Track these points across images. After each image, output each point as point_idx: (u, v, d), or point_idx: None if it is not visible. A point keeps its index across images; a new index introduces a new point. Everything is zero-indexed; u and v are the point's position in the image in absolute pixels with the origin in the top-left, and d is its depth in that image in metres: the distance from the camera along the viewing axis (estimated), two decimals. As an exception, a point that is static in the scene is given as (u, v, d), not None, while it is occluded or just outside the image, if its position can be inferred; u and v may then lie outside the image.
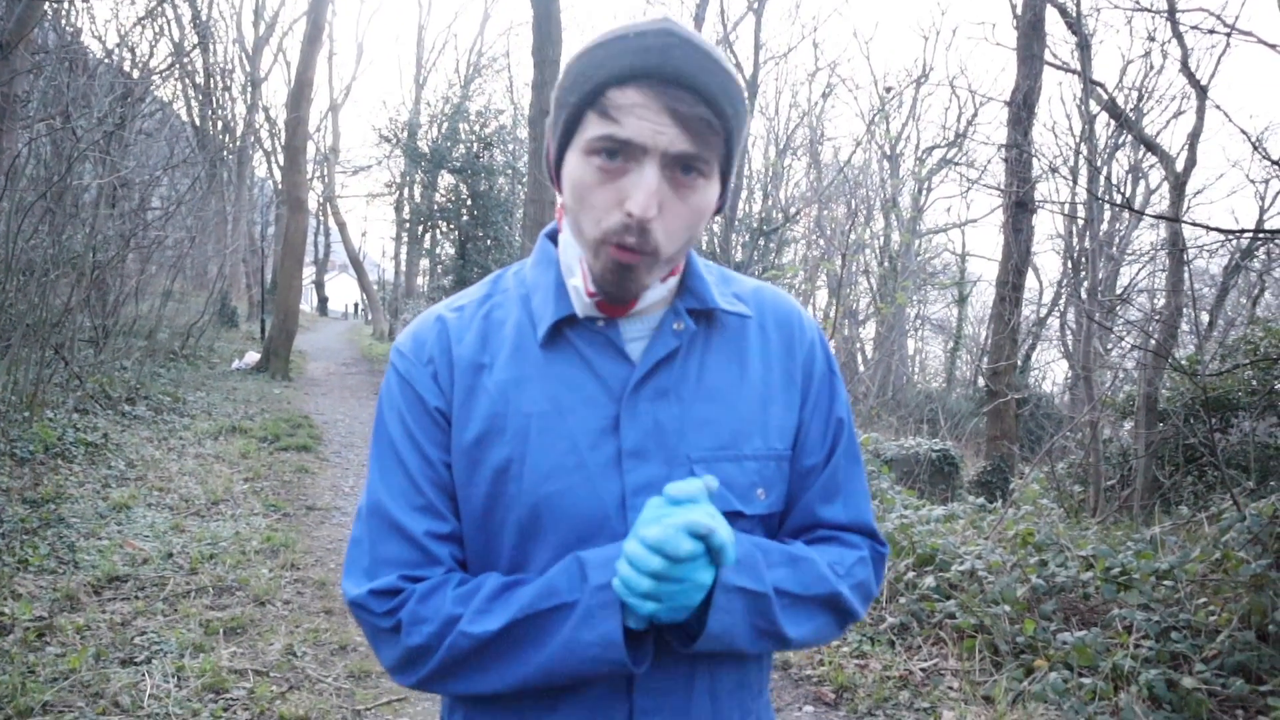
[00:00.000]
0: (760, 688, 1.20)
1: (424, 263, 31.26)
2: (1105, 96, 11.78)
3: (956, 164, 26.42)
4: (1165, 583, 4.40)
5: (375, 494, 1.10)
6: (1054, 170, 14.81)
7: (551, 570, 1.03)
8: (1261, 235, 9.40)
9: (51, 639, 3.94)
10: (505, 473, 1.06)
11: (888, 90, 25.75)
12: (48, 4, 9.92)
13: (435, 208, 21.73)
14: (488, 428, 1.07)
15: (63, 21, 12.15)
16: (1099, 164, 15.24)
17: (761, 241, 16.64)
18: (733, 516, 1.08)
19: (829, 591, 1.11)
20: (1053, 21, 11.84)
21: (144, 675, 3.69)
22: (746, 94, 1.10)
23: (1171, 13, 9.61)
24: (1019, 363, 15.28)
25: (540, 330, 1.09)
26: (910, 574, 4.97)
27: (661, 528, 0.93)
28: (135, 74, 13.93)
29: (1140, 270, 19.91)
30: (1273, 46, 5.76)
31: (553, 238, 1.18)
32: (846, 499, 1.19)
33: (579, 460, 1.05)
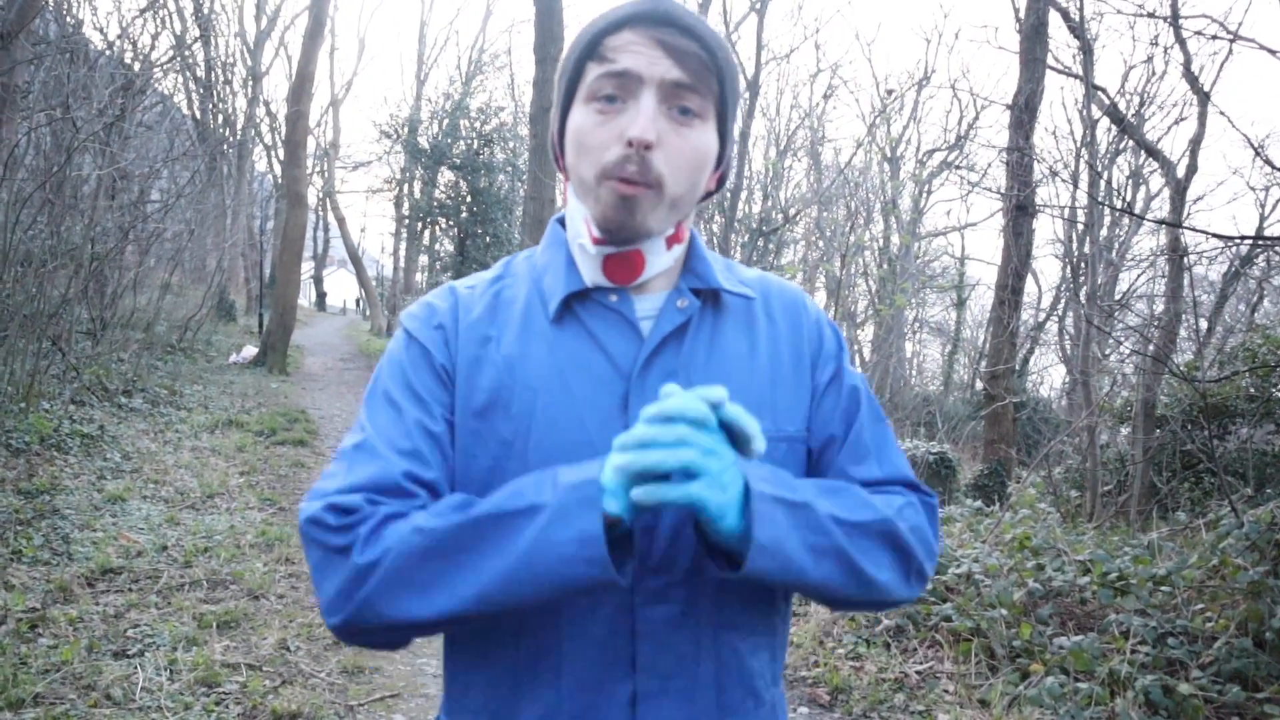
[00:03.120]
0: (773, 677, 1.16)
1: (423, 259, 31.21)
2: (1107, 101, 11.77)
3: (957, 167, 26.40)
4: (1162, 588, 4.39)
5: (362, 432, 1.06)
6: (1055, 174, 14.79)
7: (522, 477, 0.99)
8: (1261, 242, 9.40)
9: (44, 630, 3.93)
10: (510, 447, 1.04)
11: (889, 92, 25.73)
12: (49, -6, 9.90)
13: (435, 204, 21.70)
14: (492, 399, 1.06)
15: (64, 13, 12.12)
16: (1100, 169, 15.24)
17: (761, 242, 16.61)
18: None
19: (879, 518, 1.05)
20: (1055, 26, 11.82)
21: (136, 668, 3.68)
22: (736, 62, 1.12)
23: (1174, 18, 9.60)
24: (1017, 367, 15.28)
25: (551, 305, 1.09)
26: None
27: (666, 402, 0.91)
28: (136, 66, 13.90)
29: (1140, 276, 19.91)
30: (1275, 53, 5.75)
31: (562, 223, 1.18)
32: (879, 456, 1.15)
33: (586, 438, 1.03)
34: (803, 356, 1.17)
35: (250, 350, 15.83)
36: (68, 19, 12.30)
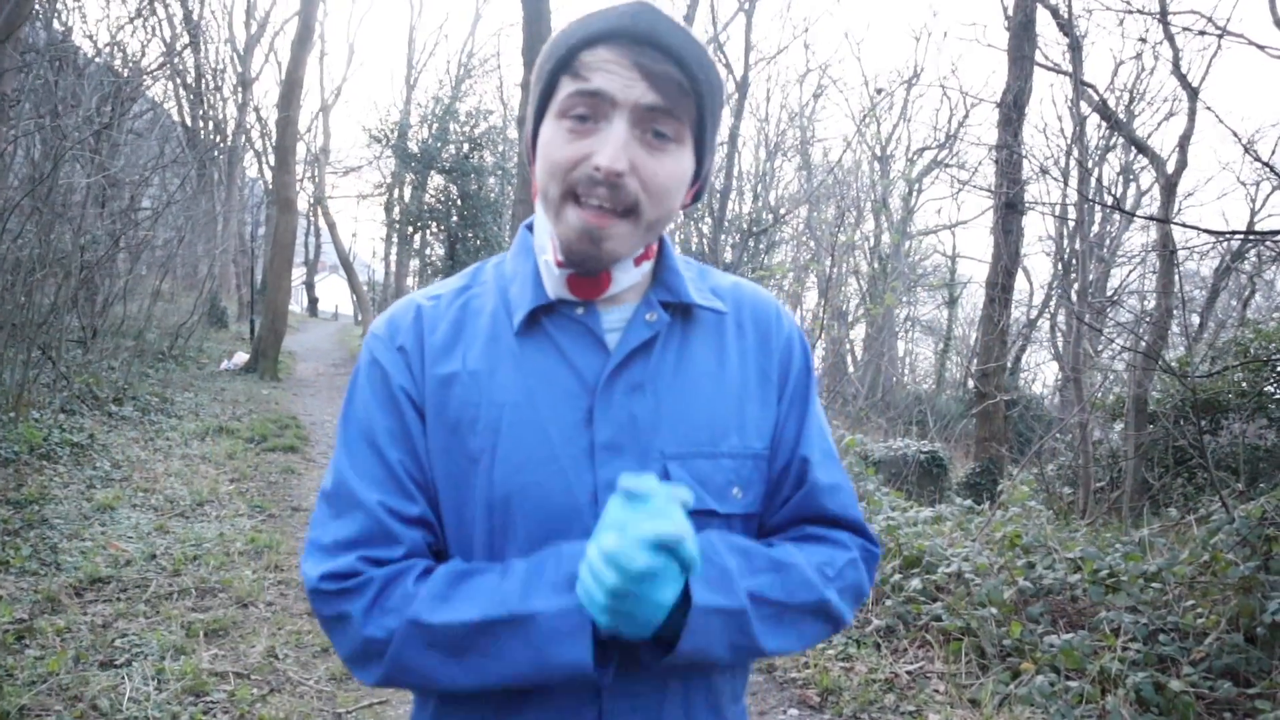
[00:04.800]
0: (736, 694, 1.17)
1: (414, 263, 31.15)
2: (1096, 98, 11.79)
3: (947, 165, 26.44)
4: (1153, 585, 4.39)
5: (339, 473, 1.07)
6: (1044, 171, 14.83)
7: (511, 567, 1.00)
8: (1252, 237, 9.41)
9: (31, 641, 3.91)
10: (476, 463, 1.04)
11: (878, 91, 25.74)
12: (37, 2, 9.86)
13: (425, 208, 21.64)
14: (460, 418, 1.05)
15: (53, 20, 12.08)
16: (1090, 165, 15.26)
17: (751, 242, 16.62)
18: (707, 515, 1.06)
19: (816, 599, 1.07)
20: (1044, 23, 11.85)
21: (124, 678, 3.65)
22: (721, 76, 1.08)
23: (1163, 14, 9.62)
24: (1009, 364, 15.30)
25: (516, 319, 1.08)
26: (897, 576, 4.95)
27: (619, 540, 0.87)
28: (126, 73, 13.85)
29: (1130, 272, 19.96)
30: (1263, 48, 5.76)
31: (531, 229, 1.17)
32: (830, 494, 1.15)
33: (551, 453, 1.03)
34: (770, 375, 1.16)
35: (241, 357, 15.79)
36: (57, 26, 12.26)
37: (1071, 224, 13.43)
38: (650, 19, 0.99)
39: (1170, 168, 10.36)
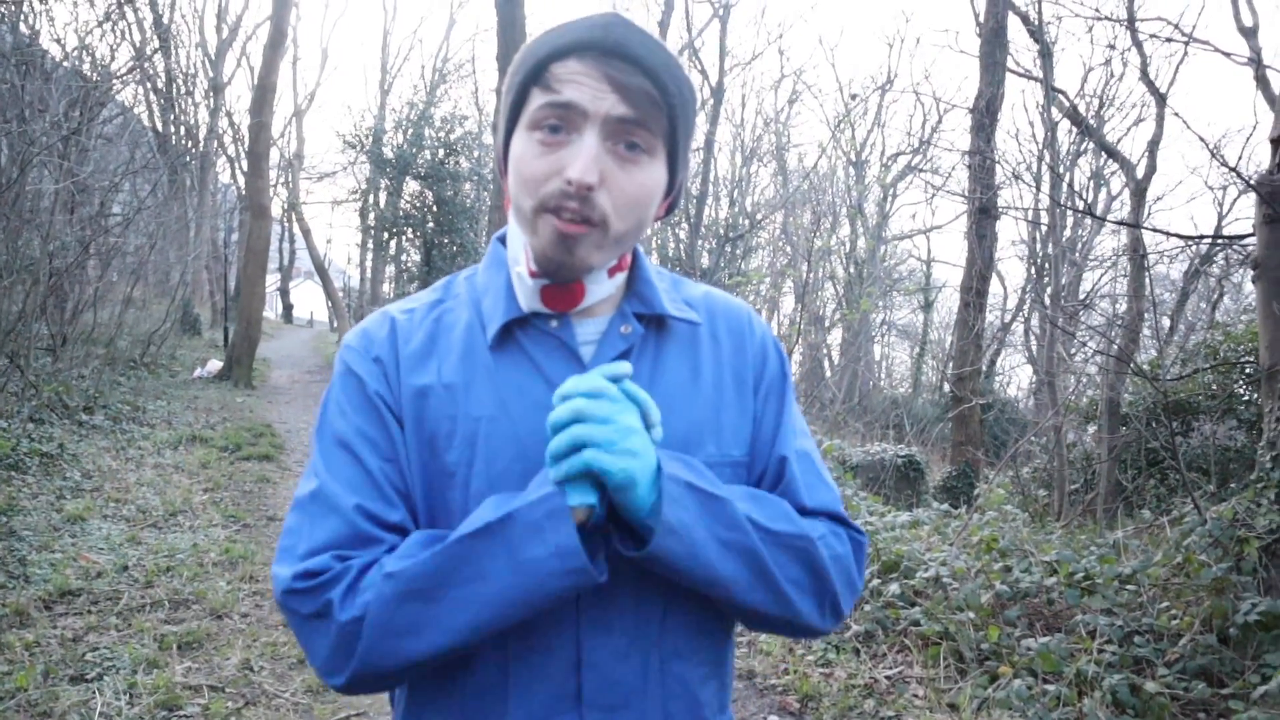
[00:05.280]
0: (720, 705, 1.15)
1: (389, 269, 31.05)
2: (1067, 104, 11.91)
3: (921, 170, 26.64)
4: (1128, 587, 4.42)
5: (316, 478, 1.04)
6: (1017, 176, 14.97)
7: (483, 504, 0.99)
8: (1220, 241, 9.54)
9: (-1, 656, 3.84)
10: (452, 478, 1.03)
11: (853, 97, 25.90)
12: (2, 5, 9.75)
13: (400, 214, 21.58)
14: (435, 431, 1.04)
15: (19, 23, 11.94)
16: (1061, 170, 15.39)
17: (727, 248, 16.66)
18: None
19: (799, 532, 1.04)
20: (1015, 29, 11.95)
21: (94, 693, 3.60)
22: (694, 87, 1.07)
23: (1131, 22, 9.74)
24: (984, 368, 15.40)
25: (490, 332, 1.07)
26: (875, 581, 4.97)
27: (572, 382, 0.94)
28: (95, 77, 13.70)
29: (1102, 276, 20.14)
30: (1229, 55, 5.84)
31: (505, 241, 1.16)
32: (810, 491, 1.14)
33: (527, 466, 1.02)
34: (745, 380, 1.16)
35: (215, 364, 15.66)
36: (23, 29, 12.11)
37: (1044, 228, 13.54)
38: (621, 31, 0.98)
39: (1140, 173, 10.48)
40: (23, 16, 11.93)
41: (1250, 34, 10.00)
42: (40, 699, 3.50)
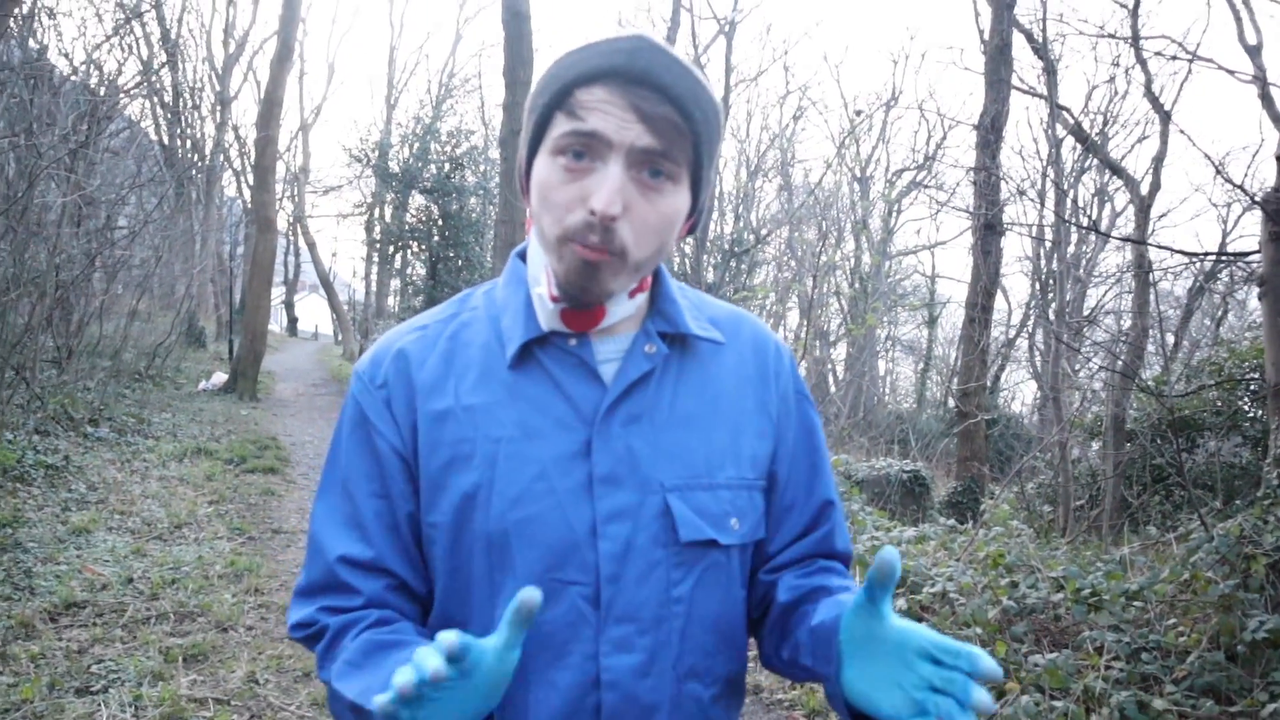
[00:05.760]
0: None
1: (395, 283, 31.06)
2: (1071, 121, 11.93)
3: (926, 186, 26.66)
4: (1135, 604, 4.40)
5: (314, 518, 1.11)
6: (1022, 193, 14.96)
7: (405, 650, 0.97)
8: (1224, 258, 9.54)
9: (4, 668, 3.84)
10: (473, 499, 1.03)
11: (858, 113, 25.97)
12: (12, 20, 9.80)
13: (406, 228, 21.62)
14: (454, 454, 1.04)
15: (29, 38, 12.02)
16: (1066, 187, 15.42)
17: (733, 263, 16.68)
18: (707, 545, 1.06)
19: None
20: (1020, 47, 12.00)
21: (100, 705, 3.60)
22: (721, 109, 1.07)
23: (1135, 39, 9.77)
24: (988, 384, 15.39)
25: (509, 351, 1.06)
26: (882, 596, 4.94)
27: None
28: (102, 91, 13.78)
29: (1107, 292, 20.13)
30: (1233, 73, 5.86)
31: (524, 257, 1.15)
32: (841, 533, 1.19)
33: (548, 486, 1.02)
34: (768, 408, 1.16)
35: (220, 377, 15.67)
36: (32, 44, 12.19)
37: (1049, 245, 13.55)
38: (648, 57, 0.96)
39: (1144, 189, 10.49)
40: (32, 31, 12.01)
41: (1255, 52, 10.03)
42: (45, 711, 3.49)
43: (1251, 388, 7.49)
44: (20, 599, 4.64)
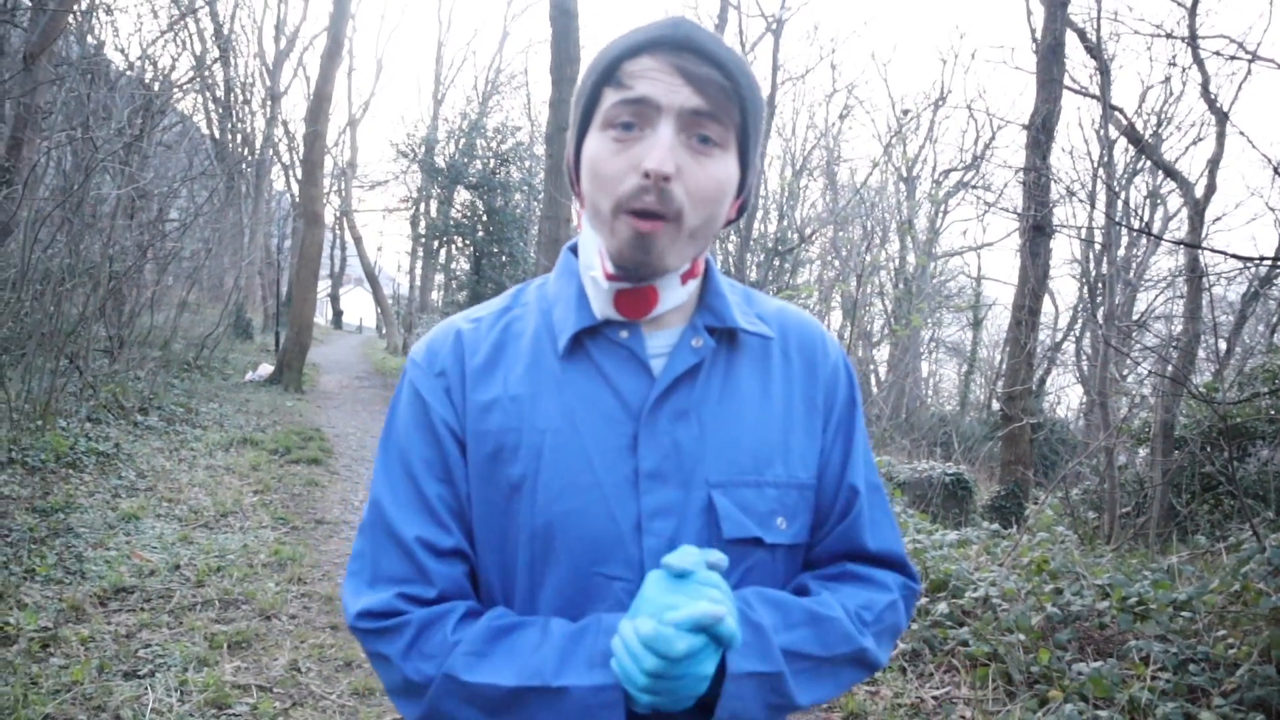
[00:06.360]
0: None
1: (439, 278, 31.38)
2: (1124, 122, 11.73)
3: (973, 187, 26.36)
4: (1183, 614, 4.32)
5: (377, 504, 1.08)
6: (1072, 194, 14.74)
7: (551, 632, 0.99)
8: (1281, 263, 9.31)
9: (55, 650, 3.92)
10: (518, 490, 1.03)
11: (905, 112, 25.74)
12: (71, 16, 10.00)
13: (451, 223, 21.77)
14: (501, 444, 1.05)
15: (87, 34, 12.25)
16: (1117, 189, 15.18)
17: (776, 262, 16.62)
18: (751, 544, 1.05)
19: (853, 650, 1.07)
20: (1072, 46, 11.82)
21: (147, 689, 3.66)
22: (760, 86, 1.08)
23: (1192, 39, 9.58)
24: (1034, 387, 15.18)
25: (561, 342, 1.07)
26: (923, 600, 4.91)
27: (656, 627, 0.88)
28: (156, 86, 14.02)
29: (1158, 296, 19.81)
30: (1295, 73, 5.71)
31: (575, 251, 1.16)
32: (875, 530, 1.15)
33: (594, 479, 1.02)
34: (816, 404, 1.15)
35: (266, 368, 15.88)
36: (90, 40, 12.43)
37: (1099, 247, 13.34)
38: (689, 28, 1.00)
39: (1199, 192, 10.28)
40: (90, 27, 12.25)
41: (1316, 52, 9.78)
42: (95, 693, 3.56)
43: (1307, 396, 7.32)
44: (71, 583, 4.74)
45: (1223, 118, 10.11)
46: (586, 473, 1.02)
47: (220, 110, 26.66)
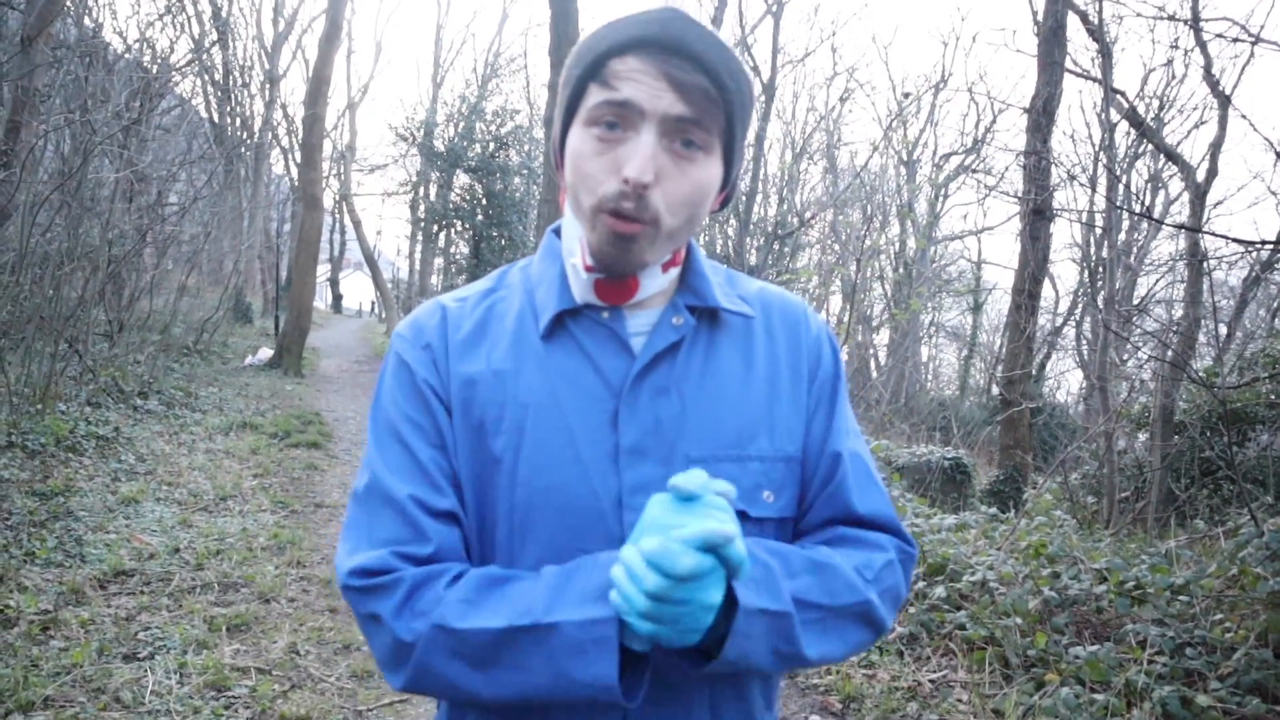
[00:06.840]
0: (768, 702, 1.14)
1: (438, 261, 31.33)
2: (1126, 105, 11.69)
3: (974, 170, 26.30)
4: (1180, 598, 4.33)
5: (373, 472, 1.07)
6: (1073, 178, 14.71)
7: (543, 575, 0.98)
8: (1282, 247, 9.29)
9: (55, 633, 3.93)
10: (499, 464, 1.03)
11: (906, 96, 25.67)
12: (68, 1, 9.95)
13: (450, 207, 21.75)
14: (483, 418, 1.05)
15: (84, 16, 12.20)
16: (1118, 173, 15.14)
17: (776, 245, 16.59)
18: (738, 518, 1.04)
19: (858, 600, 1.04)
20: (1074, 28, 11.74)
21: (146, 671, 3.68)
22: (752, 81, 1.07)
23: (1195, 21, 9.54)
24: (1034, 372, 15.19)
25: (542, 321, 1.07)
26: (921, 583, 4.92)
27: (662, 541, 0.84)
28: (154, 69, 13.97)
29: (1158, 281, 19.81)
30: (1297, 56, 5.68)
31: (559, 233, 1.16)
32: (862, 494, 1.13)
33: (575, 454, 1.02)
34: (801, 373, 1.15)
35: (266, 352, 15.89)
36: (87, 23, 12.37)
37: (1099, 231, 13.32)
38: (680, 27, 0.98)
39: (1200, 176, 10.25)
40: (87, 9, 12.19)
41: (1319, 35, 9.74)
42: (95, 675, 3.58)
43: (1307, 381, 7.31)
44: (71, 566, 4.75)
45: (1225, 101, 10.07)
46: (568, 448, 1.02)
47: (219, 93, 26.57)
